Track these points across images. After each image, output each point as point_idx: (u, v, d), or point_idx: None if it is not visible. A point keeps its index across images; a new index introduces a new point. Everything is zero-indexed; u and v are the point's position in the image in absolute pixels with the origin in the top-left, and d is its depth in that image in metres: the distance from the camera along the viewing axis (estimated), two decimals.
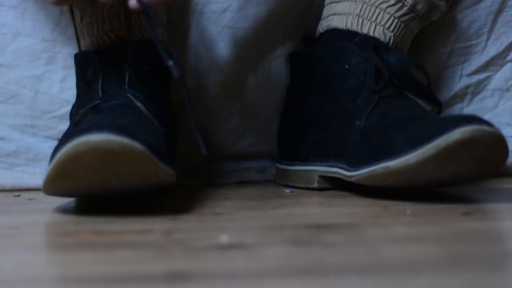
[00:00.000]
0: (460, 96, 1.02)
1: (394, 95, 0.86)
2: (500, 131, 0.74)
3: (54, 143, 0.78)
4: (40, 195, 0.74)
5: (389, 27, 0.90)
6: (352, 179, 0.82)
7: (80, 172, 0.69)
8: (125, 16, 0.85)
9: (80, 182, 0.70)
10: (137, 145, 0.67)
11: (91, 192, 0.73)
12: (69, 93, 0.94)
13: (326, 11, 0.94)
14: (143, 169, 0.69)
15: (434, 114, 0.86)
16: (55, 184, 0.71)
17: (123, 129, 0.68)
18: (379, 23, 0.90)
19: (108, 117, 0.77)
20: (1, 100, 0.95)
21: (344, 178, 0.85)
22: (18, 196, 0.89)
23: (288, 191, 0.91)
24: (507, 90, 1.02)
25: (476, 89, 1.02)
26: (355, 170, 0.82)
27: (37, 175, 0.93)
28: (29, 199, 0.85)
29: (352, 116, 0.86)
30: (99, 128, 0.67)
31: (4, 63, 0.95)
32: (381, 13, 0.90)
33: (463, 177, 0.78)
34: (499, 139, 0.74)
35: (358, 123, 0.85)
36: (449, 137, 0.72)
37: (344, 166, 0.85)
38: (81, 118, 0.80)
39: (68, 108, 0.88)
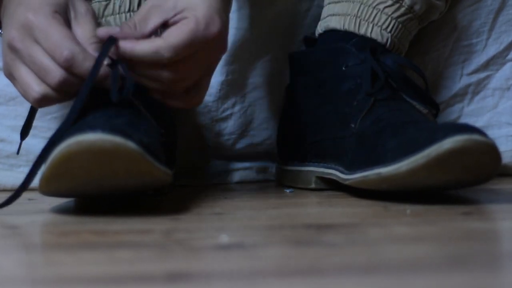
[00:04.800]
0: (460, 95, 1.02)
1: (390, 98, 0.86)
2: (492, 140, 0.74)
3: None
4: (40, 195, 0.74)
5: (387, 28, 0.90)
6: (347, 182, 0.83)
7: (74, 172, 0.69)
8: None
9: (75, 182, 0.70)
10: (130, 144, 0.67)
11: (87, 192, 0.73)
12: None
13: (325, 12, 0.94)
14: (137, 168, 0.68)
15: (430, 118, 0.86)
16: (50, 184, 0.71)
17: (117, 128, 0.68)
18: (376, 24, 0.90)
19: (103, 116, 0.77)
20: (1, 102, 0.95)
21: (339, 180, 0.85)
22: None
23: (288, 191, 0.91)
24: (508, 89, 1.02)
25: (476, 88, 1.02)
26: (350, 174, 0.82)
27: (37, 176, 0.93)
28: (29, 199, 0.85)
29: (348, 119, 0.86)
30: (92, 127, 0.67)
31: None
32: (379, 14, 0.90)
33: (455, 185, 0.79)
34: (491, 149, 0.74)
35: (353, 126, 0.85)
36: (440, 146, 0.72)
37: (340, 168, 0.86)
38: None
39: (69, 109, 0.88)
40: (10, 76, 0.79)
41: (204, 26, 0.76)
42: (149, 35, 0.78)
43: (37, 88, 0.76)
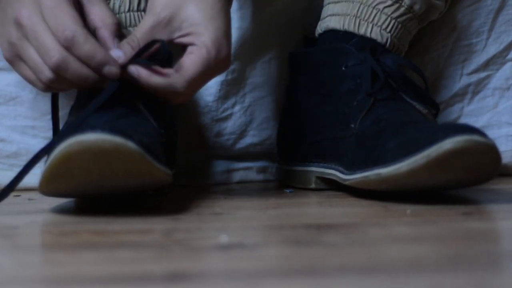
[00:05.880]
0: (460, 95, 1.02)
1: (390, 98, 0.86)
2: (492, 141, 0.74)
3: None
4: (40, 195, 0.74)
5: (386, 28, 0.90)
6: (347, 183, 0.83)
7: (74, 172, 0.69)
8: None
9: (75, 182, 0.70)
10: (130, 144, 0.67)
11: (87, 192, 0.73)
12: (69, 94, 0.94)
13: (324, 12, 0.94)
14: (137, 169, 0.68)
15: (430, 118, 0.86)
16: (50, 184, 0.71)
17: (117, 128, 0.68)
18: (376, 24, 0.90)
19: (104, 116, 0.77)
20: (1, 102, 0.95)
21: (339, 181, 0.85)
22: (18, 196, 0.89)
23: (288, 191, 0.91)
24: (508, 89, 1.02)
25: (476, 88, 1.02)
26: (350, 174, 0.82)
27: (37, 176, 0.93)
28: (29, 199, 0.85)
29: (348, 119, 0.86)
30: (92, 127, 0.67)
31: (4, 67, 0.94)
32: (378, 13, 0.90)
33: (455, 185, 0.79)
34: (491, 149, 0.74)
35: (353, 126, 0.85)
36: (440, 147, 0.72)
37: (340, 168, 0.86)
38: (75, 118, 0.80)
39: (69, 109, 0.88)
40: (16, 58, 0.79)
41: (214, 54, 0.77)
42: None
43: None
